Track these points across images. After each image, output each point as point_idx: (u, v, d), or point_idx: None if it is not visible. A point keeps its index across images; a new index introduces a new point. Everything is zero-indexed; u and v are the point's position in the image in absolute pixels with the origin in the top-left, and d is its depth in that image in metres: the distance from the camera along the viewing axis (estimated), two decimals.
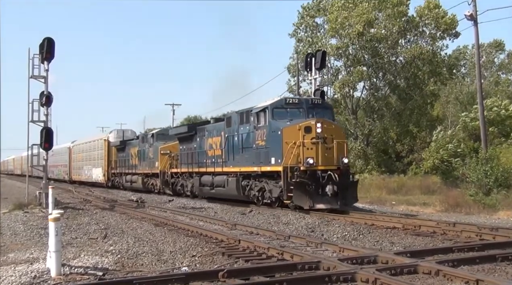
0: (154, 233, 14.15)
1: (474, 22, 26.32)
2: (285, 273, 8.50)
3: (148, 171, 32.96)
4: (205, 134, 25.47)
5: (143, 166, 34.11)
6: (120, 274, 8.99)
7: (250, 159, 20.49)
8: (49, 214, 11.05)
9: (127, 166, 37.77)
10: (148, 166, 32.88)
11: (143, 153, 34.23)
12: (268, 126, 19.42)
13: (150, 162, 32.56)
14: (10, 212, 20.71)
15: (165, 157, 30.38)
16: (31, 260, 10.50)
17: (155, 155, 31.78)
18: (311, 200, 17.67)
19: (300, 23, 43.08)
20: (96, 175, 45.24)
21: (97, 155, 45.05)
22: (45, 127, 22.69)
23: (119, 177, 40.33)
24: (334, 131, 18.82)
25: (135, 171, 35.86)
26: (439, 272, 8.17)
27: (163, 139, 31.98)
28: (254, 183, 20.64)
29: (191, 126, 28.01)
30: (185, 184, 28.04)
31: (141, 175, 34.35)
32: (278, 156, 18.55)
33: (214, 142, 24.26)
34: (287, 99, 20.04)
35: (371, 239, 12.60)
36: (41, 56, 22.42)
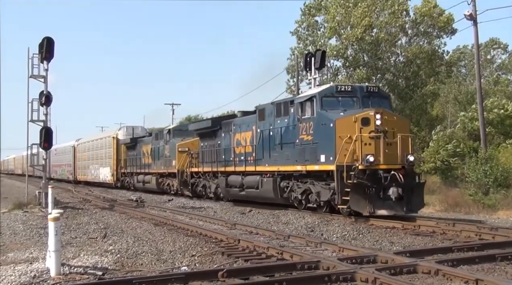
0: (153, 232, 14.16)
1: (473, 22, 26.33)
2: (284, 272, 8.51)
3: (164, 170, 30.34)
4: (232, 129, 23.01)
5: (157, 165, 31.57)
6: (120, 274, 9.00)
7: (292, 157, 18.04)
8: (49, 214, 11.06)
9: (139, 165, 35.31)
10: (164, 165, 30.29)
11: (158, 151, 31.64)
12: (316, 118, 16.83)
13: (166, 160, 30.00)
14: (9, 212, 20.72)
15: (183, 155, 27.73)
16: (30, 259, 10.50)
17: (172, 153, 29.18)
18: (371, 205, 15.18)
19: (302, 21, 43.07)
20: (103, 175, 42.82)
21: (105, 154, 42.60)
22: (44, 126, 22.69)
23: (129, 177, 37.86)
24: (396, 124, 16.38)
25: (148, 171, 33.26)
26: (439, 272, 8.18)
27: (181, 135, 29.51)
28: (296, 184, 18.19)
29: (215, 120, 25.24)
30: (208, 185, 25.34)
31: (155, 175, 31.74)
32: (330, 152, 16.04)
33: (243, 138, 21.90)
34: (338, 87, 17.34)
35: (371, 238, 12.61)
36: (41, 55, 22.42)
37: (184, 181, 27.55)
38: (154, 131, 35.21)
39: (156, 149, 31.85)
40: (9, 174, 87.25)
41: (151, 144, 33.00)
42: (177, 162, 28.03)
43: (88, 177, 47.19)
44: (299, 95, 18.73)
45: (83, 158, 49.21)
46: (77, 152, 51.54)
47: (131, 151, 37.97)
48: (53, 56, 22.53)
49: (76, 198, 30.21)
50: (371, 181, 15.37)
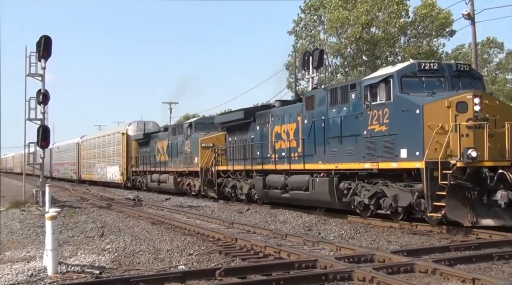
0: (151, 231, 14.15)
1: (471, 21, 26.36)
2: (282, 271, 8.52)
3: (183, 168, 27.38)
4: (269, 120, 20.11)
5: (175, 163, 28.56)
6: (117, 273, 8.99)
7: (357, 152, 14.99)
8: (46, 213, 11.07)
9: (153, 163, 32.32)
10: (184, 163, 27.35)
11: (176, 147, 28.62)
12: (394, 103, 13.72)
13: (186, 158, 27.09)
14: (7, 211, 20.67)
15: (207, 152, 24.68)
16: (28, 258, 10.48)
17: (193, 149, 26.16)
18: (473, 213, 12.20)
19: (300, 19, 43.09)
20: (111, 174, 39.91)
21: (113, 151, 39.73)
22: (42, 125, 22.66)
23: (141, 176, 34.84)
24: (498, 110, 13.11)
25: (164, 169, 30.27)
26: (436, 271, 8.19)
27: (204, 129, 26.68)
28: (362, 186, 15.11)
29: (249, 112, 21.93)
30: (239, 185, 22.19)
31: (173, 174, 28.89)
32: (415, 146, 12.95)
33: (285, 131, 18.98)
34: (421, 64, 14.15)
35: (368, 238, 12.61)
36: (38, 54, 22.41)
37: (209, 181, 24.49)
38: (171, 125, 32.19)
39: (174, 145, 28.93)
40: (8, 173, 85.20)
41: (168, 140, 30.09)
42: (200, 159, 25.11)
43: (93, 176, 44.55)
44: (365, 77, 15.81)
45: (89, 156, 46.51)
46: (82, 150, 48.75)
47: (143, 148, 35.05)
48: (50, 55, 22.54)
49: (73, 196, 30.17)
50: (473, 182, 12.31)
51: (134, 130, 37.89)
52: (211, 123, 26.77)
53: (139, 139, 35.60)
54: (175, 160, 28.66)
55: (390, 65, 16.41)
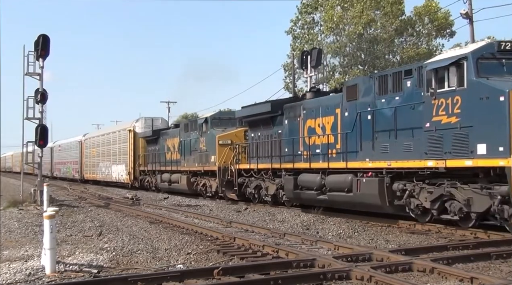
0: (149, 230, 14.14)
1: (469, 20, 26.39)
2: (280, 270, 8.52)
3: (198, 168, 25.44)
4: (301, 113, 18.06)
5: (189, 162, 26.62)
6: (115, 272, 8.98)
7: (416, 148, 13.05)
8: (44, 212, 11.04)
9: (162, 162, 30.56)
10: (199, 162, 25.44)
11: (189, 144, 26.67)
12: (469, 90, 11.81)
13: (202, 156, 25.15)
14: (4, 210, 20.66)
15: (225, 149, 22.93)
16: (25, 257, 10.48)
17: (210, 146, 24.33)
18: None
19: (297, 19, 43.10)
20: (117, 174, 37.88)
21: (119, 149, 37.69)
22: (40, 124, 22.66)
23: (150, 176, 33.06)
24: None
25: (176, 168, 28.30)
26: (434, 270, 8.19)
27: (220, 125, 24.89)
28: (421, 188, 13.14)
29: (275, 104, 19.83)
30: (264, 185, 20.20)
31: (186, 174, 26.98)
32: (498, 140, 11.09)
33: (320, 125, 17.08)
34: (501, 44, 12.05)
35: (366, 237, 12.61)
36: (36, 53, 22.40)
37: (227, 182, 22.43)
38: (183, 121, 29.93)
39: (187, 142, 26.92)
40: (7, 172, 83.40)
41: (179, 137, 28.13)
42: (217, 157, 23.22)
43: (97, 176, 42.74)
44: (428, 61, 13.57)
45: (92, 154, 44.49)
46: (85, 148, 46.88)
47: (152, 146, 33.09)
48: (48, 54, 22.56)
49: (71, 196, 30.15)
50: None
51: (142, 127, 35.74)
52: (228, 118, 25.05)
53: (147, 137, 33.64)
54: (188, 159, 26.74)
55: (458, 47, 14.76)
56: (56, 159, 56.47)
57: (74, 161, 49.68)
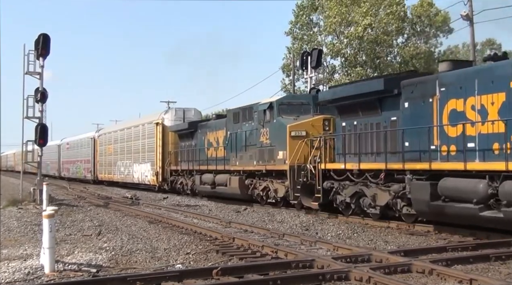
0: (148, 230, 14.14)
1: (470, 22, 26.42)
2: (279, 271, 8.52)
3: (258, 167, 20.33)
4: (436, 92, 13.13)
5: (242, 160, 21.57)
6: (114, 271, 8.98)
7: None
8: (43, 211, 11.05)
9: (202, 160, 25.35)
10: (258, 159, 20.32)
11: (241, 138, 21.65)
12: None
13: (263, 152, 20.04)
14: (4, 209, 20.67)
15: (298, 143, 17.84)
16: (24, 256, 10.48)
17: (276, 139, 19.17)
18: None
19: (296, 21, 43.15)
20: (140, 174, 33.25)
21: (143, 146, 33.18)
22: (40, 123, 22.67)
23: (185, 177, 27.65)
24: None
25: (223, 168, 23.05)
26: (433, 271, 8.19)
27: (291, 112, 19.47)
28: None
29: (390, 80, 14.75)
30: (369, 193, 14.73)
31: (238, 174, 21.80)
32: None
33: (474, 106, 12.15)
34: None
35: (365, 238, 12.62)
36: (37, 52, 22.43)
37: (303, 185, 17.35)
38: (231, 110, 24.21)
39: (239, 135, 21.91)
40: (9, 171, 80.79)
41: (226, 129, 23.36)
42: (288, 153, 18.22)
43: (114, 176, 38.28)
44: None
45: (108, 152, 39.92)
46: (99, 145, 42.42)
47: (186, 141, 28.25)
48: (49, 53, 22.59)
49: (71, 195, 30.15)
50: None
51: (171, 119, 30.83)
52: (300, 104, 19.87)
53: (180, 130, 28.96)
54: (241, 156, 21.69)
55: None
56: (64, 158, 53.04)
57: (85, 159, 45.40)
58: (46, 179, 26.77)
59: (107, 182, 40.41)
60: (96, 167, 42.68)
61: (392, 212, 14.43)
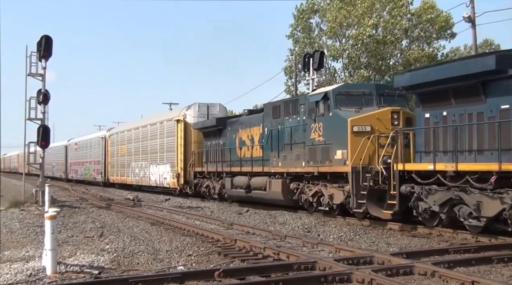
0: (150, 232, 14.15)
1: (472, 24, 26.39)
2: (281, 273, 8.52)
3: (309, 168, 17.28)
4: None
5: (286, 160, 18.71)
6: (116, 273, 8.99)
7: None
8: (45, 212, 11.06)
9: (234, 161, 22.58)
10: (308, 159, 17.32)
11: (285, 134, 18.84)
12: None
13: (314, 150, 17.05)
14: (6, 210, 20.69)
15: (362, 140, 15.09)
16: (26, 258, 10.49)
17: (333, 135, 16.21)
18: None
19: (297, 24, 43.17)
20: (158, 176, 30.60)
21: (161, 145, 30.50)
22: (42, 124, 22.71)
23: (212, 180, 24.78)
24: None
25: (261, 169, 20.22)
26: (435, 273, 8.18)
27: (351, 104, 16.47)
28: None
29: (504, 57, 11.57)
30: (471, 201, 11.87)
31: (280, 177, 19.02)
32: None
33: None
34: None
35: (367, 240, 12.61)
36: (39, 54, 22.48)
37: (371, 190, 14.56)
38: (270, 103, 21.59)
39: (281, 132, 19.08)
40: (12, 173, 79.69)
41: (263, 126, 20.58)
42: (349, 152, 15.39)
43: (128, 179, 35.83)
44: None
45: (121, 152, 37.53)
46: (110, 145, 40.12)
47: (212, 140, 25.35)
48: (51, 55, 22.62)
49: (73, 197, 30.18)
50: None
51: (194, 115, 27.99)
52: (361, 94, 16.79)
53: (205, 128, 25.96)
54: (284, 156, 18.84)
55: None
56: (72, 159, 50.99)
57: (95, 160, 42.97)
58: (48, 181, 26.81)
59: (119, 185, 38.11)
60: (107, 168, 40.43)
61: (503, 226, 11.65)
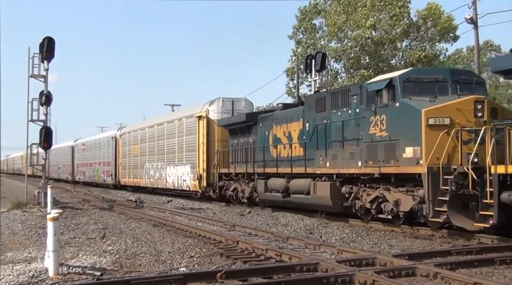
0: (152, 233, 14.15)
1: (474, 25, 26.37)
2: (283, 274, 8.52)
3: (369, 169, 14.46)
4: None
5: (336, 159, 15.92)
6: (118, 274, 8.99)
7: None
8: (48, 214, 11.08)
9: (268, 160, 20.06)
10: (366, 158, 14.53)
11: (332, 130, 16.30)
12: None
13: (375, 148, 14.26)
14: (8, 211, 20.70)
15: (440, 135, 12.44)
16: (29, 259, 10.49)
17: (400, 130, 13.47)
18: None
19: (299, 25, 43.21)
20: (177, 178, 28.14)
21: (179, 144, 28.01)
22: (44, 126, 22.74)
23: (240, 183, 22.17)
24: None
25: (304, 170, 17.47)
26: (437, 275, 8.18)
27: (420, 92, 13.58)
28: None
29: None
30: None
31: (328, 179, 16.31)
32: None
33: None
34: None
35: (370, 241, 12.60)
36: (41, 55, 22.51)
37: (454, 196, 11.82)
38: (310, 96, 19.79)
39: (329, 127, 16.46)
40: (16, 174, 78.32)
41: (303, 121, 18.06)
42: (423, 150, 12.66)
43: (142, 181, 33.59)
44: None
45: (133, 153, 35.26)
46: (121, 145, 37.86)
47: (240, 137, 22.93)
48: (53, 56, 22.66)
49: (75, 198, 30.19)
50: None
51: (218, 111, 25.63)
52: (433, 80, 13.91)
53: (232, 124, 23.49)
54: (334, 155, 16.08)
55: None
56: (79, 160, 49.01)
57: (105, 162, 40.76)
58: (51, 182, 26.83)
59: (131, 187, 35.78)
60: (118, 170, 38.08)
61: None
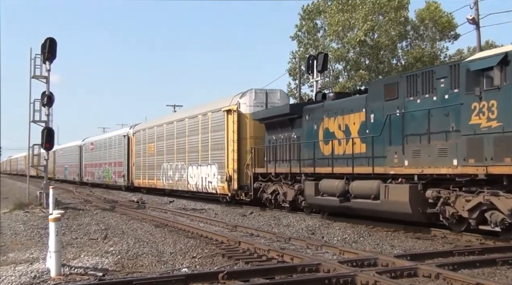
0: (154, 234, 14.15)
1: (476, 26, 26.36)
2: (285, 275, 8.52)
3: (469, 169, 11.63)
4: None
5: (418, 157, 13.05)
6: (120, 275, 8.99)
7: None
8: (50, 214, 11.08)
9: (316, 159, 17.46)
10: (465, 155, 11.68)
11: (411, 121, 13.63)
12: None
13: (481, 142, 11.32)
14: (10, 212, 20.74)
15: None
16: (31, 260, 10.51)
17: None
18: None
19: (302, 25, 43.24)
20: (200, 180, 25.29)
21: (204, 142, 25.01)
22: (46, 127, 22.77)
23: (281, 184, 19.39)
24: None
25: (371, 171, 14.64)
26: (439, 275, 8.17)
27: None
28: None
29: None
30: None
31: (407, 181, 13.47)
32: None
33: None
34: None
35: (372, 242, 12.59)
36: (43, 56, 22.55)
37: None
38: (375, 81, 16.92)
39: (407, 117, 13.75)
40: (19, 175, 77.52)
41: (366, 111, 15.45)
42: None
43: (159, 182, 30.90)
44: None
45: (149, 152, 32.57)
46: (135, 144, 35.34)
47: (279, 132, 20.01)
48: (55, 57, 22.71)
49: (77, 199, 30.22)
50: None
51: (250, 104, 22.70)
52: None
53: (271, 118, 20.49)
54: (415, 151, 13.25)
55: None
56: (87, 161, 47.04)
57: (116, 162, 38.40)
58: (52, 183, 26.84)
59: (146, 189, 33.53)
60: (131, 170, 35.51)
61: None
